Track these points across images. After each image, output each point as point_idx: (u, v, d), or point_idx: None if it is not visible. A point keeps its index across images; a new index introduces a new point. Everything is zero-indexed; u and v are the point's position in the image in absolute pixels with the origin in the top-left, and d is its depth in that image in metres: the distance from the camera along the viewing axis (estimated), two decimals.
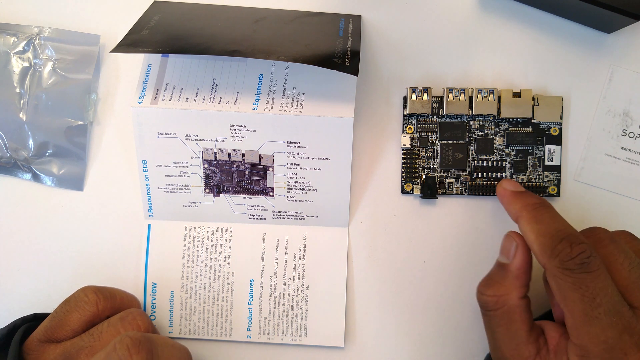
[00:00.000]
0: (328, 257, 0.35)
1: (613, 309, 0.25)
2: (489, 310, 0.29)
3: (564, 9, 0.34)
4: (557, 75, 0.35)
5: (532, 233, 0.28)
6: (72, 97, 0.35)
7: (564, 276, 0.26)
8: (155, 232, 0.35)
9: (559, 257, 0.26)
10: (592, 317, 0.25)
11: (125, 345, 0.27)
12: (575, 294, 0.25)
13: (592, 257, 0.25)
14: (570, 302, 0.26)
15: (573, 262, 0.25)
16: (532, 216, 0.28)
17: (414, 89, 0.34)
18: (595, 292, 0.25)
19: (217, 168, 0.34)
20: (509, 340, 0.28)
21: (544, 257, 0.27)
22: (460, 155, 0.35)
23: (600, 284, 0.25)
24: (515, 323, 0.28)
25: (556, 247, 0.26)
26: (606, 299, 0.25)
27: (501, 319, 0.28)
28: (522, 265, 0.29)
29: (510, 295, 0.29)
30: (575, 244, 0.26)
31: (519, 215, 0.29)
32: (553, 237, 0.26)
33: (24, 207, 0.36)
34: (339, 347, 0.35)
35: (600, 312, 0.25)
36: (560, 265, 0.26)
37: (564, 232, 0.26)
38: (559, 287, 0.26)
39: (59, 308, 0.31)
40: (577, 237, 0.26)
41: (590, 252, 0.26)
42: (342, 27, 0.33)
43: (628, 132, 0.35)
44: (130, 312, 0.31)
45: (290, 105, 0.33)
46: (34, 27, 0.35)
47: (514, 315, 0.28)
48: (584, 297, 0.25)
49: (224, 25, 0.33)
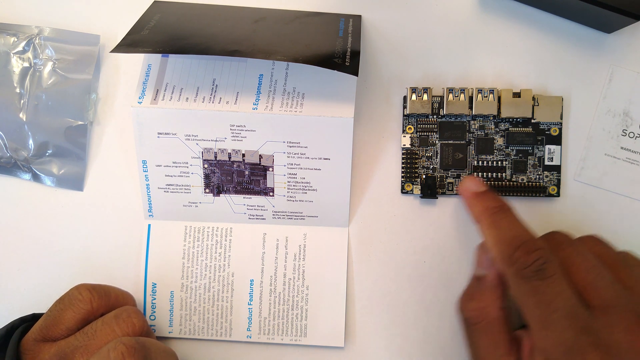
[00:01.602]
0: (328, 257, 0.35)
1: (570, 312, 0.25)
2: (473, 324, 0.29)
3: (564, 9, 0.34)
4: (557, 75, 0.35)
5: (491, 239, 0.28)
6: (72, 97, 0.35)
7: (521, 283, 0.26)
8: (155, 232, 0.35)
9: (515, 265, 0.26)
10: (549, 321, 0.25)
11: (119, 353, 0.27)
12: (532, 300, 0.26)
13: (547, 263, 0.26)
14: (528, 308, 0.26)
15: (529, 269, 0.26)
16: (491, 221, 0.29)
17: (414, 89, 0.34)
18: (552, 297, 0.25)
19: (217, 168, 0.34)
20: (492, 352, 0.28)
21: (502, 265, 0.27)
22: (460, 155, 0.35)
23: (556, 289, 0.26)
24: (497, 334, 0.29)
25: (513, 255, 0.26)
26: (562, 303, 0.25)
27: (483, 331, 0.29)
28: (498, 276, 0.29)
29: (491, 307, 0.29)
30: (531, 251, 0.26)
31: (479, 220, 0.30)
32: (510, 245, 0.27)
33: (24, 207, 0.36)
34: (339, 347, 0.35)
35: (558, 317, 0.25)
36: (517, 273, 0.26)
37: (520, 239, 0.27)
38: (517, 294, 0.27)
39: (54, 306, 0.31)
40: (534, 244, 0.27)
41: (545, 258, 0.26)
42: (342, 27, 0.33)
43: (628, 132, 0.35)
44: (124, 309, 0.31)
45: (290, 105, 0.33)
46: (34, 27, 0.35)
47: (495, 326, 0.29)
48: (540, 303, 0.26)
49: (224, 25, 0.33)
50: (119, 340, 0.28)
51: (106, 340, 0.29)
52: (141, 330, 0.30)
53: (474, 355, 0.30)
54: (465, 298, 0.30)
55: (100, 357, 0.27)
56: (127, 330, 0.30)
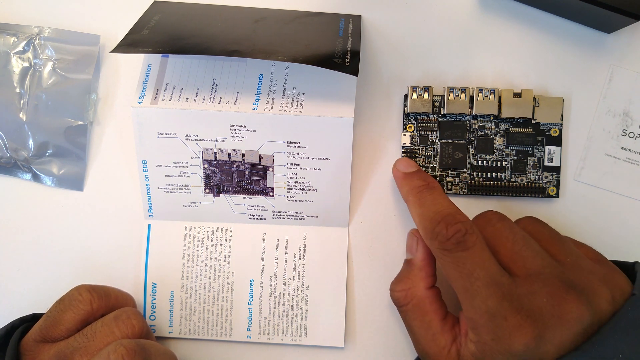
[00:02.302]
0: (328, 257, 0.35)
1: (491, 280, 0.26)
2: (402, 306, 0.30)
3: (564, 9, 0.34)
4: (557, 75, 0.35)
5: (416, 217, 0.29)
6: (72, 97, 0.35)
7: (444, 256, 0.27)
8: (155, 232, 0.35)
9: (437, 239, 0.27)
10: (472, 291, 0.26)
11: (119, 355, 0.27)
12: (455, 271, 0.27)
13: (467, 235, 0.26)
14: (453, 279, 0.27)
15: (450, 242, 0.27)
16: (416, 200, 0.29)
17: (414, 88, 0.34)
18: (472, 267, 0.26)
19: (217, 168, 0.34)
20: (425, 331, 0.29)
21: (426, 240, 0.28)
22: (460, 154, 0.35)
23: (477, 259, 0.26)
24: (427, 314, 0.29)
25: (434, 229, 0.27)
26: (483, 273, 0.26)
27: (413, 312, 0.30)
28: (424, 257, 0.30)
29: (417, 287, 0.30)
30: (451, 224, 0.27)
31: (407, 199, 0.30)
32: (432, 220, 0.28)
33: (24, 207, 0.36)
34: (339, 347, 0.35)
35: (479, 285, 0.26)
36: (440, 247, 0.27)
37: (441, 214, 0.28)
38: (442, 267, 0.27)
39: (53, 307, 0.31)
40: (454, 217, 0.27)
41: (465, 229, 0.27)
42: (342, 27, 0.33)
43: (628, 132, 0.35)
44: (124, 311, 0.31)
45: (290, 105, 0.33)
46: (34, 27, 0.35)
47: (424, 306, 0.29)
48: (462, 274, 0.26)
49: (224, 25, 0.33)
50: (119, 342, 0.28)
51: (106, 341, 0.29)
52: (141, 331, 0.30)
53: (411, 335, 0.30)
54: (395, 281, 0.31)
55: (101, 359, 0.27)
56: (127, 331, 0.30)
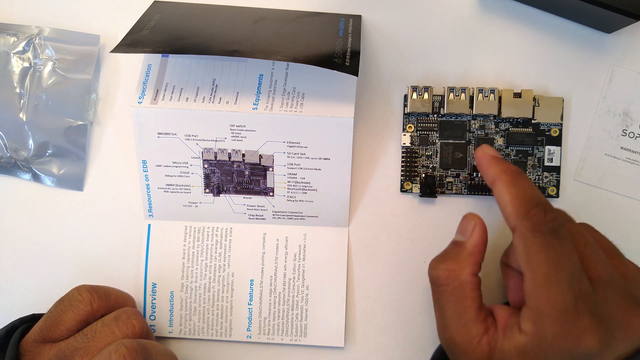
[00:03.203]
0: (328, 257, 0.35)
1: (574, 275, 0.25)
2: (440, 285, 0.29)
3: (564, 9, 0.34)
4: (557, 75, 0.35)
5: (508, 195, 0.28)
6: (72, 97, 0.35)
7: (534, 238, 0.26)
8: (155, 232, 0.35)
9: (532, 220, 0.26)
10: (554, 280, 0.25)
11: (121, 355, 0.27)
12: (541, 255, 0.26)
13: (563, 226, 0.26)
14: (535, 263, 0.26)
15: (545, 226, 0.26)
16: (510, 179, 0.29)
17: (414, 88, 0.34)
18: (561, 256, 0.26)
19: (217, 168, 0.34)
20: (458, 317, 0.28)
21: (516, 218, 0.27)
22: (460, 154, 0.35)
23: (566, 250, 0.26)
24: (465, 300, 0.28)
25: (531, 210, 0.27)
26: (569, 265, 0.26)
27: (451, 294, 0.29)
28: (478, 243, 0.29)
29: (463, 270, 0.29)
30: (549, 211, 0.27)
31: (497, 178, 0.29)
32: (529, 202, 0.27)
33: (24, 207, 0.36)
34: (339, 347, 0.34)
35: (562, 277, 0.25)
36: (532, 228, 0.26)
37: (539, 199, 0.27)
38: (526, 249, 0.26)
39: (53, 307, 0.31)
40: (551, 206, 0.27)
41: (562, 220, 0.27)
42: (342, 27, 0.33)
43: (628, 132, 0.35)
44: (124, 311, 0.31)
45: (290, 105, 0.33)
46: (34, 27, 0.35)
47: (464, 291, 0.28)
48: (549, 260, 0.26)
49: (224, 25, 0.33)
50: (120, 342, 0.28)
51: (106, 341, 0.29)
52: (141, 331, 0.30)
53: (440, 318, 0.29)
54: (438, 259, 0.30)
55: (102, 359, 0.27)
56: (127, 331, 0.30)
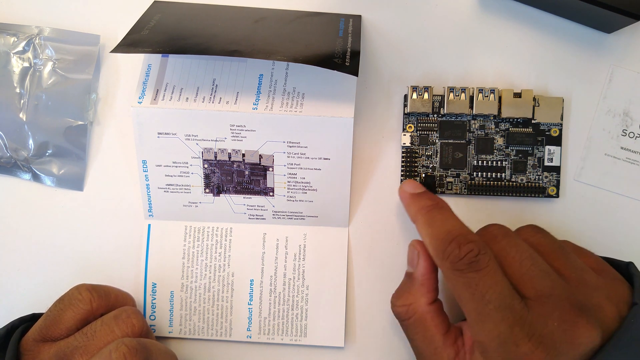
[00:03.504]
0: (328, 257, 0.35)
1: (503, 303, 0.25)
2: (403, 320, 0.30)
3: (564, 9, 0.34)
4: (557, 75, 0.35)
5: (426, 237, 0.29)
6: (72, 97, 0.35)
7: (455, 277, 0.26)
8: (155, 232, 0.35)
9: (449, 259, 0.26)
10: (483, 314, 0.25)
11: (121, 354, 0.27)
12: (466, 293, 0.26)
13: (480, 255, 0.26)
14: (464, 301, 0.26)
15: (462, 262, 0.26)
16: (426, 219, 0.29)
17: (414, 88, 0.34)
18: (485, 289, 0.25)
19: (217, 168, 0.34)
20: (427, 346, 0.29)
21: (437, 260, 0.28)
22: (460, 154, 0.35)
23: (490, 281, 0.26)
24: (429, 329, 0.29)
25: (446, 249, 0.27)
26: (495, 295, 0.25)
27: (415, 326, 0.29)
28: (425, 272, 0.30)
29: (418, 302, 0.29)
30: (463, 244, 0.26)
31: (415, 219, 0.30)
32: (443, 240, 0.27)
33: (24, 207, 0.36)
34: (339, 347, 0.35)
35: (491, 309, 0.25)
36: (451, 267, 0.26)
37: (453, 234, 0.27)
38: (453, 288, 0.27)
39: (53, 306, 0.31)
40: (465, 237, 0.27)
41: (478, 250, 0.26)
42: (342, 27, 0.33)
43: (628, 132, 0.35)
44: (124, 310, 0.31)
45: (290, 105, 0.33)
46: (34, 27, 0.35)
47: (425, 321, 0.29)
48: (474, 296, 0.26)
49: (224, 25, 0.33)
50: (120, 341, 0.28)
51: (105, 340, 0.29)
52: (140, 330, 0.30)
53: (414, 349, 0.30)
54: (396, 295, 0.31)
55: (102, 357, 0.27)
56: (127, 330, 0.30)
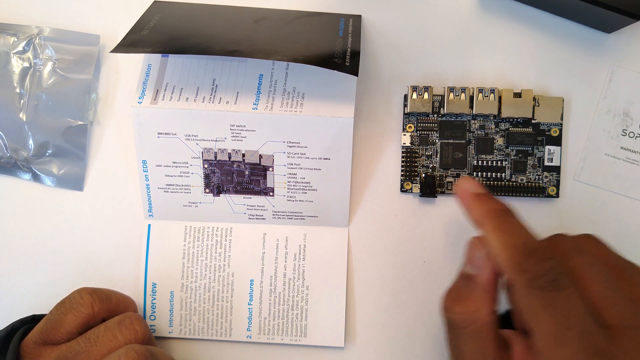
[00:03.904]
0: (328, 257, 0.35)
1: (584, 331, 0.23)
2: (458, 329, 0.27)
3: (564, 9, 0.34)
4: (557, 75, 0.35)
5: (498, 244, 0.26)
6: (72, 97, 0.35)
7: (534, 294, 0.24)
8: (155, 232, 0.35)
9: (528, 274, 0.24)
10: (563, 340, 0.23)
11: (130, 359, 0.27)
12: (545, 314, 0.24)
13: (562, 275, 0.24)
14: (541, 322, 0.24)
15: (543, 280, 0.24)
16: (497, 224, 0.26)
17: (414, 88, 0.34)
18: (567, 312, 0.23)
19: (217, 168, 0.34)
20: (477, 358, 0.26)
21: (511, 272, 0.25)
22: (460, 154, 0.35)
23: (572, 304, 0.23)
24: (485, 341, 0.26)
25: (524, 262, 0.24)
26: (577, 321, 0.23)
27: (470, 337, 0.26)
28: (492, 277, 0.27)
29: (480, 311, 0.26)
30: (544, 259, 0.24)
31: (481, 222, 0.27)
32: (520, 251, 0.25)
33: (24, 207, 0.36)
34: (339, 347, 0.35)
35: (572, 335, 0.23)
36: (528, 283, 0.24)
37: (530, 246, 0.25)
38: (527, 306, 0.24)
39: (54, 310, 0.31)
40: (545, 252, 0.25)
41: (560, 268, 0.24)
42: (342, 27, 0.33)
43: (628, 132, 0.35)
44: (127, 316, 0.31)
45: (290, 105, 0.33)
46: (34, 27, 0.35)
47: (484, 333, 0.26)
48: (556, 319, 0.23)
49: (224, 25, 0.33)
50: (130, 347, 0.28)
51: (108, 346, 0.29)
52: (143, 337, 0.30)
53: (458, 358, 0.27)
54: (452, 298, 0.28)
55: None
56: (130, 337, 0.30)
